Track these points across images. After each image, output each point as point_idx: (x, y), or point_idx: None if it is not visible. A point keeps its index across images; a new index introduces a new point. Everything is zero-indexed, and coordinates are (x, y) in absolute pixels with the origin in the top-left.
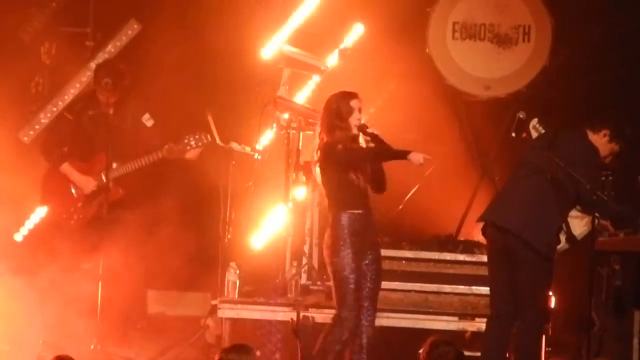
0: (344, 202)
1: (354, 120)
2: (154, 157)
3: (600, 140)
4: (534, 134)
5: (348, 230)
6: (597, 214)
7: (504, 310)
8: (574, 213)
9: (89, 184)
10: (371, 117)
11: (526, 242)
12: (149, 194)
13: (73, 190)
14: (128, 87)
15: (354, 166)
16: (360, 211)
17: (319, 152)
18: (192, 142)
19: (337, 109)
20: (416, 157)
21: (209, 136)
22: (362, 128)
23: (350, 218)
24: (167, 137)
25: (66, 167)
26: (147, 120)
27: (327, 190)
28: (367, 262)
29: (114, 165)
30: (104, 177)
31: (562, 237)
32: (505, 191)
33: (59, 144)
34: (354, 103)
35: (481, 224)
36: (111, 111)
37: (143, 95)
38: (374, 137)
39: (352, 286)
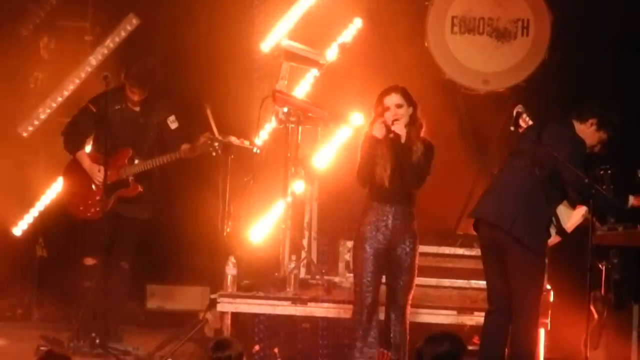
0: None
1: (389, 117)
2: (176, 156)
3: (588, 130)
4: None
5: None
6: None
7: (502, 305)
8: (563, 205)
9: (97, 174)
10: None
11: (515, 238)
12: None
13: (93, 185)
14: (158, 87)
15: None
16: None
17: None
18: (216, 144)
19: (376, 106)
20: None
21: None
22: (389, 124)
23: None
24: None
25: (81, 154)
26: (172, 123)
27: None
28: None
29: (136, 161)
30: (124, 172)
31: (552, 231)
32: (494, 186)
33: (78, 133)
34: (387, 100)
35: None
36: (138, 109)
37: (170, 96)
38: (394, 138)
39: None
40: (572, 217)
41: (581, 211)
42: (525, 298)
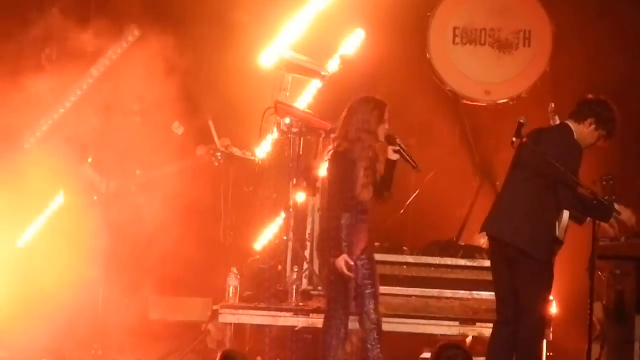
0: None
1: (383, 130)
2: (178, 166)
3: (587, 130)
4: None
5: None
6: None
7: (510, 316)
8: None
9: (104, 186)
10: None
11: (519, 249)
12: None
13: (95, 197)
14: (157, 97)
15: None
16: None
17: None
18: (218, 155)
19: (367, 118)
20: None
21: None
22: (391, 139)
23: None
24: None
25: (85, 168)
26: (177, 129)
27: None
28: None
29: (138, 172)
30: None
31: None
32: (500, 199)
33: (81, 144)
34: (386, 114)
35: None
36: (139, 119)
37: (169, 104)
38: (399, 151)
39: None
40: (561, 224)
41: (567, 216)
42: (531, 308)
